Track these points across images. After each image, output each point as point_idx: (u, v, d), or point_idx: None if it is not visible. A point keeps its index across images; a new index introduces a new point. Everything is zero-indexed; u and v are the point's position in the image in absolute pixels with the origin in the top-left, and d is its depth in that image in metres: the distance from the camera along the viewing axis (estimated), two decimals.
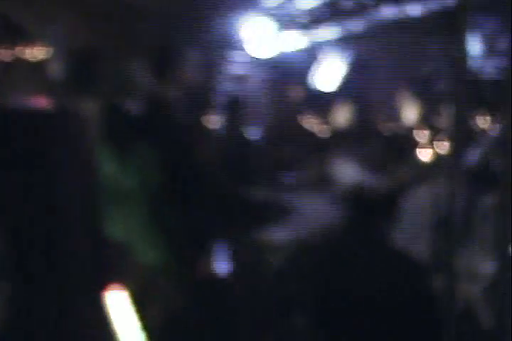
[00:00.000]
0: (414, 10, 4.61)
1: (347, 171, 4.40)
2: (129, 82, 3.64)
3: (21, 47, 2.80)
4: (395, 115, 5.69)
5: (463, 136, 2.96)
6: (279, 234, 4.25)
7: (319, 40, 5.38)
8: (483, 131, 4.06)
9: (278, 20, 5.18)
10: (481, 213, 3.25)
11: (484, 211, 3.26)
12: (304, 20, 5.07)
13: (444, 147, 4.03)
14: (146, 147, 3.49)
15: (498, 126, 3.60)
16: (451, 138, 3.05)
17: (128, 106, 3.59)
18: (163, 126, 3.54)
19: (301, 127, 5.82)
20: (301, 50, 5.57)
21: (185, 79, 3.66)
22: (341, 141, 5.51)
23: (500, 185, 3.14)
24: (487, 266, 3.15)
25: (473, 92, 3.32)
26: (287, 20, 5.12)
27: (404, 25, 4.91)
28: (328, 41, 5.53)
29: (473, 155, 3.28)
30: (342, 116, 5.97)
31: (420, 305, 2.84)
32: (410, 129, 5.10)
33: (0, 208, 2.52)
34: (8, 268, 2.41)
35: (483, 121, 4.11)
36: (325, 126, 5.71)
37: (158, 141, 3.51)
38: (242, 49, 5.29)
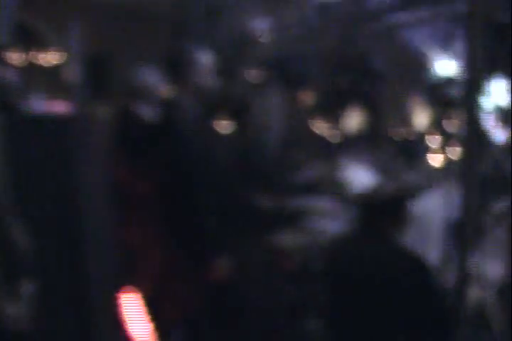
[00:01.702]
0: (427, 12, 4.62)
1: (358, 176, 4.41)
2: (144, 87, 3.66)
3: (37, 53, 2.83)
4: (406, 120, 5.70)
5: (475, 140, 2.96)
6: (290, 238, 4.27)
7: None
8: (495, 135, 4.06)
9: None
10: (493, 218, 3.25)
11: (496, 216, 3.26)
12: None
13: (455, 152, 4.04)
14: (160, 151, 3.51)
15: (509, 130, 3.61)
16: (463, 143, 3.05)
17: (142, 111, 3.61)
18: (175, 131, 3.56)
19: (311, 132, 5.84)
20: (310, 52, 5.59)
21: (198, 84, 3.68)
22: (352, 145, 5.53)
23: None
24: (499, 271, 3.15)
25: (485, 97, 3.32)
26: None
27: (414, 28, 4.92)
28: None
29: (485, 160, 3.28)
30: (353, 120, 5.98)
31: (431, 307, 2.85)
32: (422, 134, 5.11)
33: (22, 209, 2.55)
34: (30, 268, 2.44)
35: (494, 126, 4.12)
36: (336, 131, 5.72)
37: (171, 146, 3.53)
38: (254, 52, 5.31)
